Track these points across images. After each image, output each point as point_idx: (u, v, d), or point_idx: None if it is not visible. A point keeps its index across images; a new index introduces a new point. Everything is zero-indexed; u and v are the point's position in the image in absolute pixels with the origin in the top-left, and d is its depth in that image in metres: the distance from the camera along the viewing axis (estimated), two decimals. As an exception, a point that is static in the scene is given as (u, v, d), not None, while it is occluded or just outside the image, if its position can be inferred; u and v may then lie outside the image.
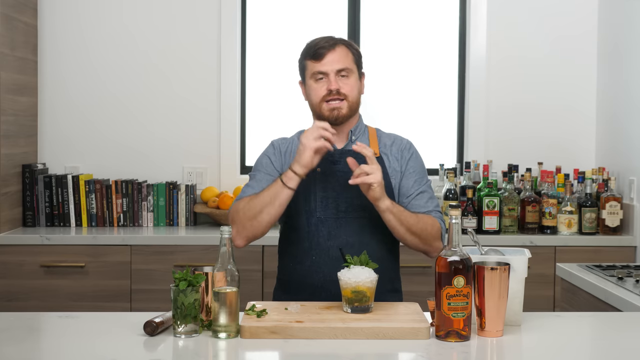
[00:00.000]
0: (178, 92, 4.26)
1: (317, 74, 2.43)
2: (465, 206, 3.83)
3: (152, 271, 3.71)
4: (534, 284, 3.24)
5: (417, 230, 2.38)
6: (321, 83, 2.44)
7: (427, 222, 2.41)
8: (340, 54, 2.44)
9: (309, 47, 2.48)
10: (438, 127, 4.44)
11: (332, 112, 2.43)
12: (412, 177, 2.49)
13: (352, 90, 2.44)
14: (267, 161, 2.51)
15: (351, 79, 2.44)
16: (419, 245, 2.42)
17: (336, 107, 2.43)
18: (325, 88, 2.42)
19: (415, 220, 2.38)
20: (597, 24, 4.27)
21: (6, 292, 3.68)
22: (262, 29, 4.40)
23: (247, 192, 2.45)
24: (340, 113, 2.43)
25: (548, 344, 1.95)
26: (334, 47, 2.44)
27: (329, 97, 2.42)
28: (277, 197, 2.34)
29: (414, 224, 2.37)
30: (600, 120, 4.26)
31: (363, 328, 1.95)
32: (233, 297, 1.95)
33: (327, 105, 2.43)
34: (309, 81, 2.47)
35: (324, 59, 2.42)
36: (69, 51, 4.23)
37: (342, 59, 2.43)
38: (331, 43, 2.44)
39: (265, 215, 2.36)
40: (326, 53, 2.42)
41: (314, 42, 2.48)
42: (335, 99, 2.42)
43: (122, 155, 4.24)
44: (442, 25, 4.42)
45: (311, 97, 2.47)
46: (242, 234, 2.39)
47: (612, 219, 3.85)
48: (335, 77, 2.42)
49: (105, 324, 2.11)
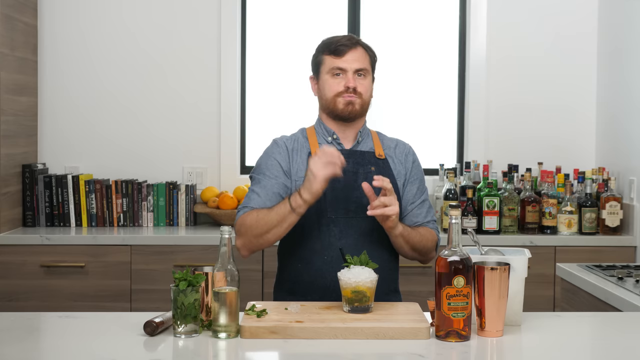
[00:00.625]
0: (178, 91, 4.26)
1: (336, 70, 2.45)
2: (465, 206, 3.83)
3: (152, 271, 3.71)
4: (534, 284, 3.25)
5: (419, 247, 2.43)
6: (338, 79, 2.45)
7: (428, 237, 2.46)
8: (360, 54, 2.47)
9: (329, 43, 2.49)
10: (438, 127, 4.44)
11: (347, 107, 2.45)
12: (415, 185, 2.52)
13: (366, 91, 2.48)
14: (272, 163, 2.46)
15: (367, 79, 2.48)
16: (417, 258, 2.48)
17: (351, 100, 2.44)
18: (343, 85, 2.44)
19: (419, 238, 2.42)
20: (597, 24, 4.27)
21: (6, 292, 3.68)
22: (262, 29, 4.40)
23: (253, 198, 2.41)
24: (354, 108, 2.45)
25: (548, 344, 1.95)
26: (356, 46, 2.47)
27: (345, 93, 2.44)
28: (285, 221, 2.32)
29: (418, 242, 2.42)
30: (600, 120, 4.26)
31: (363, 328, 1.95)
32: (233, 297, 1.94)
33: (342, 98, 2.44)
34: (325, 76, 2.47)
35: (345, 56, 2.45)
36: (69, 51, 4.23)
37: (362, 59, 2.47)
38: (353, 42, 2.48)
39: (271, 236, 2.35)
40: (348, 51, 2.45)
41: (334, 38, 2.50)
42: (351, 95, 2.45)
43: (122, 155, 4.24)
44: (442, 26, 4.42)
45: (325, 91, 2.47)
46: (247, 247, 2.39)
47: (612, 219, 3.85)
48: (353, 75, 2.45)
49: (105, 324, 2.11)
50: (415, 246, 2.41)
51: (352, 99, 2.44)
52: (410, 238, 2.39)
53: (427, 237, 2.45)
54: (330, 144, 2.50)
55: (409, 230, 2.40)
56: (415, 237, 2.41)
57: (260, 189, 2.42)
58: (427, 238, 2.45)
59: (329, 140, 2.50)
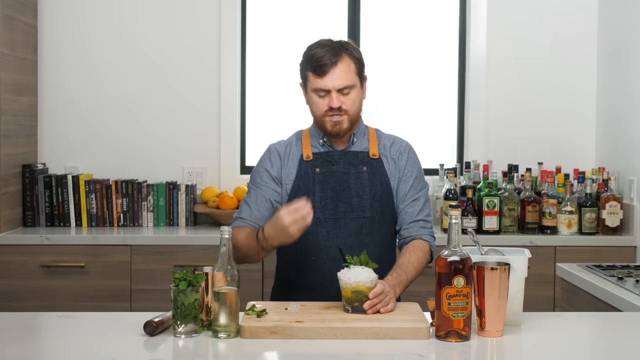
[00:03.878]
0: (178, 91, 4.26)
1: (319, 91, 2.42)
2: (465, 206, 3.83)
3: (152, 271, 3.71)
4: (534, 284, 3.24)
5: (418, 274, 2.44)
6: (323, 99, 2.43)
7: (422, 258, 2.45)
8: (342, 70, 2.40)
9: (310, 58, 2.42)
10: (438, 127, 4.44)
11: (334, 127, 2.44)
12: (408, 182, 2.51)
13: (352, 105, 2.44)
14: (262, 173, 2.52)
15: (352, 94, 2.43)
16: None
17: (338, 121, 2.43)
18: (327, 104, 2.42)
19: (415, 272, 2.41)
20: (597, 24, 4.27)
21: (6, 292, 3.68)
22: (262, 30, 4.40)
23: (244, 209, 2.49)
24: (341, 127, 2.44)
25: (548, 344, 1.95)
26: (337, 62, 2.39)
27: (330, 112, 2.43)
28: (258, 255, 2.38)
29: (416, 275, 2.43)
30: (600, 120, 4.26)
31: (363, 328, 1.95)
32: (233, 297, 1.95)
33: (329, 119, 2.44)
34: (311, 94, 2.46)
35: (327, 76, 2.39)
36: (69, 51, 4.23)
37: (344, 75, 2.40)
38: (333, 60, 2.38)
39: (254, 260, 2.43)
40: (329, 70, 2.39)
41: (315, 52, 2.41)
42: (336, 114, 2.43)
43: (122, 155, 4.24)
44: (442, 26, 4.42)
45: (313, 109, 2.48)
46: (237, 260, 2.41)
47: (612, 219, 3.85)
48: (337, 95, 2.41)
49: (105, 324, 2.11)
50: (417, 276, 2.43)
51: (339, 119, 2.43)
52: (409, 281, 2.39)
53: (422, 259, 2.44)
54: (322, 145, 2.51)
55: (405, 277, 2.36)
56: (414, 273, 2.40)
57: (250, 200, 2.50)
58: (422, 260, 2.44)
59: (320, 142, 2.52)
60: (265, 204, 2.48)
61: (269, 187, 2.49)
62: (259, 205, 2.48)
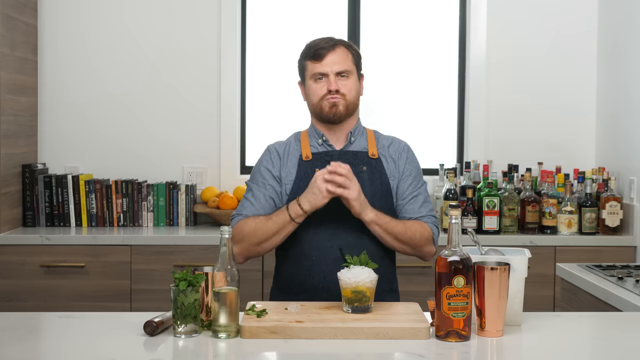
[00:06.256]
0: (178, 91, 4.26)
1: (317, 75, 2.46)
2: (465, 206, 3.83)
3: (152, 271, 3.71)
4: (534, 284, 3.25)
5: (405, 239, 2.41)
6: (321, 83, 2.46)
7: (417, 229, 2.43)
8: (340, 55, 2.46)
9: (308, 48, 2.50)
10: (438, 127, 4.44)
11: (331, 109, 2.46)
12: (407, 181, 2.52)
13: (350, 91, 2.47)
14: (263, 171, 2.52)
15: (350, 79, 2.47)
16: (409, 251, 2.46)
17: (335, 102, 2.45)
18: (326, 88, 2.45)
19: (402, 228, 2.40)
20: (597, 24, 4.27)
21: (6, 292, 3.68)
22: (262, 30, 4.40)
23: (247, 206, 2.47)
24: (338, 109, 2.46)
25: (548, 344, 1.95)
26: (334, 48, 2.46)
27: (328, 95, 2.45)
28: (284, 229, 2.38)
29: (402, 233, 2.40)
30: (600, 120, 4.26)
31: (363, 328, 1.95)
32: (233, 297, 1.95)
33: (327, 101, 2.45)
34: (309, 82, 2.49)
35: (324, 60, 2.45)
36: (69, 51, 4.23)
37: (342, 60, 2.46)
38: (331, 44, 2.47)
39: (269, 244, 2.42)
40: (326, 54, 2.45)
41: (313, 42, 2.50)
42: (334, 97, 2.45)
43: (122, 155, 4.24)
44: (442, 26, 4.42)
45: (311, 97, 2.50)
46: (244, 255, 2.44)
47: (612, 219, 3.85)
48: (334, 78, 2.45)
49: (105, 324, 2.11)
50: (399, 237, 2.39)
51: (335, 100, 2.45)
52: (390, 228, 2.38)
53: (416, 229, 2.42)
54: (321, 145, 2.51)
55: (387, 220, 2.38)
56: (398, 228, 2.39)
57: (252, 198, 2.49)
58: (415, 229, 2.42)
59: (319, 142, 2.52)
60: (268, 201, 2.48)
61: (271, 185, 2.49)
62: (261, 202, 2.47)
